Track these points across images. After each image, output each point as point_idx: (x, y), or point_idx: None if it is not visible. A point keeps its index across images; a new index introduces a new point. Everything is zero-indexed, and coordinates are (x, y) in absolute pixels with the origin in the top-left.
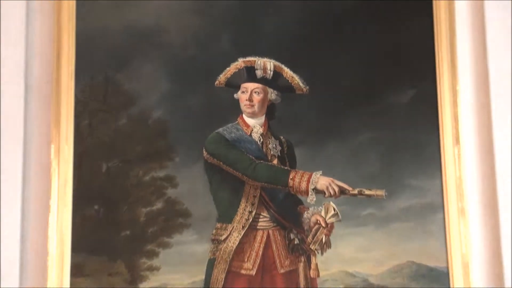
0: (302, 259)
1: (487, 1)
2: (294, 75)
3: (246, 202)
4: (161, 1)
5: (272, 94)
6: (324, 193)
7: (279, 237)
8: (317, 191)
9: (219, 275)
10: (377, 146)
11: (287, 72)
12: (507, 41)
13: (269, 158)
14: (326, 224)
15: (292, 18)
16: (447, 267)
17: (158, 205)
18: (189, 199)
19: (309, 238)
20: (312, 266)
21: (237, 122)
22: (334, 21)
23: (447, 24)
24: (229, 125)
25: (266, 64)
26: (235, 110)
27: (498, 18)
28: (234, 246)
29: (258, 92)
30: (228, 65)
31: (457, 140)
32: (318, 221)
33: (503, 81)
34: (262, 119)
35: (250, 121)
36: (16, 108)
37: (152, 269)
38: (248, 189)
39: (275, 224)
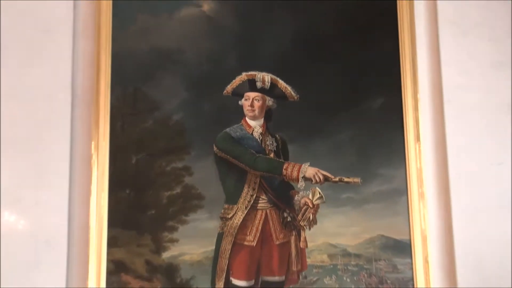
0: (294, 233)
1: (441, 28)
2: (287, 86)
3: (248, 187)
4: (179, 27)
5: (269, 101)
6: (311, 180)
7: (275, 216)
8: (305, 178)
9: (227, 246)
10: (354, 142)
11: (281, 83)
12: (456, 60)
13: (267, 152)
14: (313, 205)
15: (285, 40)
16: (410, 240)
17: (177, 189)
18: (202, 185)
19: (299, 216)
20: (302, 238)
21: (241, 123)
22: (320, 43)
23: (409, 46)
24: (235, 126)
25: (264, 77)
26: (239, 114)
27: (450, 41)
28: (239, 223)
29: (258, 100)
30: (234, 78)
31: (417, 137)
32: (307, 203)
33: (453, 91)
34: (261, 121)
35: (251, 122)
36: (64, 112)
37: (172, 241)
38: (250, 177)
39: (271, 205)
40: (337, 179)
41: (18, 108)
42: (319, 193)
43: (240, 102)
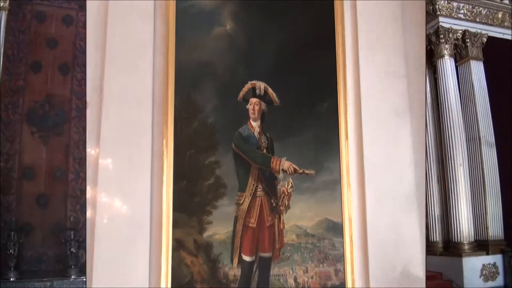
0: (277, 217)
1: (361, 50)
2: (273, 93)
3: (251, 178)
4: (212, 43)
5: (263, 105)
6: (287, 172)
7: (266, 202)
8: (283, 171)
9: (239, 227)
10: (310, 141)
11: (270, 90)
12: (373, 77)
13: (262, 148)
14: (288, 192)
15: (271, 55)
16: (342, 222)
17: (212, 180)
18: (226, 176)
19: (280, 202)
20: (281, 221)
21: (247, 124)
22: (292, 59)
23: (343, 67)
24: (244, 126)
25: (260, 85)
26: (246, 116)
27: (368, 59)
28: (246, 208)
29: (257, 104)
30: (243, 86)
31: (346, 136)
32: (283, 191)
33: (370, 99)
34: (258, 122)
35: (253, 123)
36: (148, 116)
37: (208, 223)
38: (252, 169)
39: (264, 193)
40: (301, 171)
41: (119, 115)
42: (291, 183)
43: (246, 106)
